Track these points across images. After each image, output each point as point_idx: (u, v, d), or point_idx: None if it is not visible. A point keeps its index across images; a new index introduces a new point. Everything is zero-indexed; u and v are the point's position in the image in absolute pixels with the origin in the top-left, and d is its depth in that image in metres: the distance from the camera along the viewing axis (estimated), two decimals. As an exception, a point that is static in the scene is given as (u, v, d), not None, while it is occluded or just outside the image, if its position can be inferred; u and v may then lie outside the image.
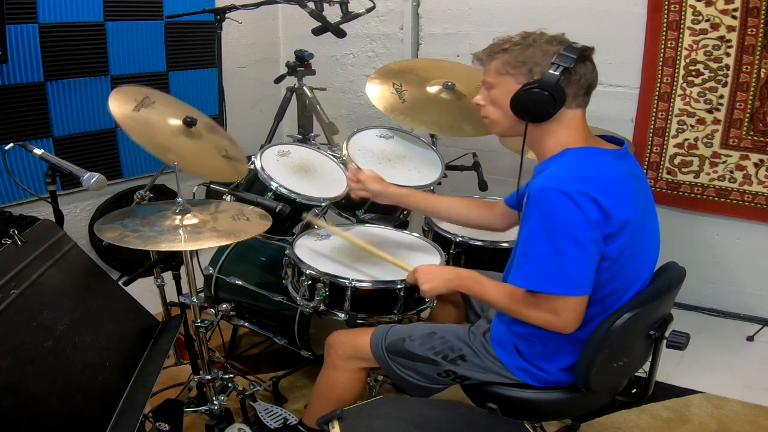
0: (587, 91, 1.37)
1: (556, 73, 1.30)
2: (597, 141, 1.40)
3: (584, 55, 1.33)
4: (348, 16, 2.44)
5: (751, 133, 2.52)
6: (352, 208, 2.20)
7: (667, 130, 2.69)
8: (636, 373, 1.52)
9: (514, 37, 1.39)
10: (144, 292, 1.88)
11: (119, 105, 1.74)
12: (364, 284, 1.73)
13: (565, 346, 1.40)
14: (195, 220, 1.61)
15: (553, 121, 1.35)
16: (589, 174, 1.28)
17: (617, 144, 1.41)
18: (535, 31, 1.39)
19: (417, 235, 2.07)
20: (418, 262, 1.85)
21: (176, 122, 1.83)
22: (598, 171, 1.29)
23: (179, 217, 1.60)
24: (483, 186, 2.45)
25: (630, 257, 1.32)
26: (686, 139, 2.67)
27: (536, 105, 1.33)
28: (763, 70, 2.43)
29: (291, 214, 1.95)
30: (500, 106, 1.41)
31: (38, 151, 1.70)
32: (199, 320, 1.74)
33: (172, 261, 1.82)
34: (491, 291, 1.43)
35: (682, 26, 2.54)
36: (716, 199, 2.67)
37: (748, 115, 2.51)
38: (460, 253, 2.04)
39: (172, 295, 1.95)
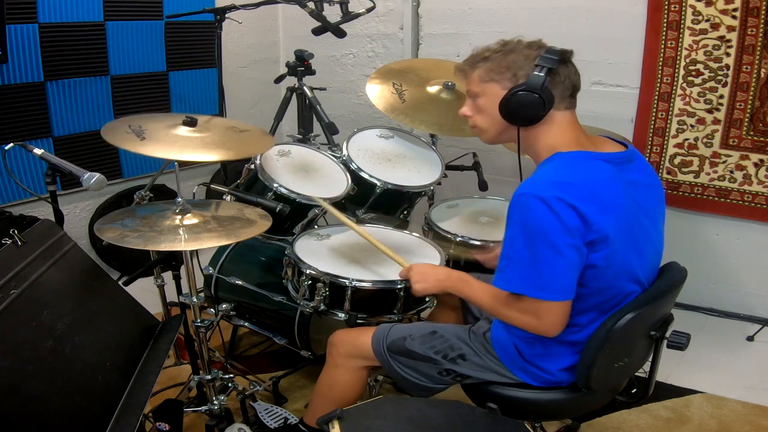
0: (572, 92, 1.37)
1: (541, 74, 1.31)
2: (594, 143, 1.38)
3: (565, 57, 1.35)
4: (348, 16, 2.44)
5: (751, 133, 2.52)
6: (352, 207, 2.20)
7: (667, 130, 2.69)
8: (636, 373, 1.52)
9: (492, 46, 1.40)
10: (144, 292, 1.88)
11: (132, 145, 1.59)
12: (364, 284, 1.73)
13: (566, 348, 1.39)
14: (195, 220, 1.61)
15: (542, 123, 1.35)
16: (570, 180, 1.26)
17: (624, 146, 1.40)
18: (512, 39, 1.41)
19: (417, 235, 2.07)
20: (418, 261, 1.85)
21: (180, 128, 1.70)
22: (583, 176, 1.28)
23: (179, 217, 1.60)
24: (483, 186, 2.45)
25: (622, 263, 1.30)
26: (686, 139, 2.67)
27: (526, 107, 1.33)
28: (763, 70, 2.43)
29: (291, 214, 1.95)
30: (488, 113, 1.41)
31: (38, 151, 1.70)
32: (199, 320, 1.74)
33: (172, 261, 1.82)
34: (478, 292, 1.45)
35: (682, 26, 2.54)
36: (716, 199, 2.67)
37: (748, 115, 2.51)
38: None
39: (172, 295, 1.94)
